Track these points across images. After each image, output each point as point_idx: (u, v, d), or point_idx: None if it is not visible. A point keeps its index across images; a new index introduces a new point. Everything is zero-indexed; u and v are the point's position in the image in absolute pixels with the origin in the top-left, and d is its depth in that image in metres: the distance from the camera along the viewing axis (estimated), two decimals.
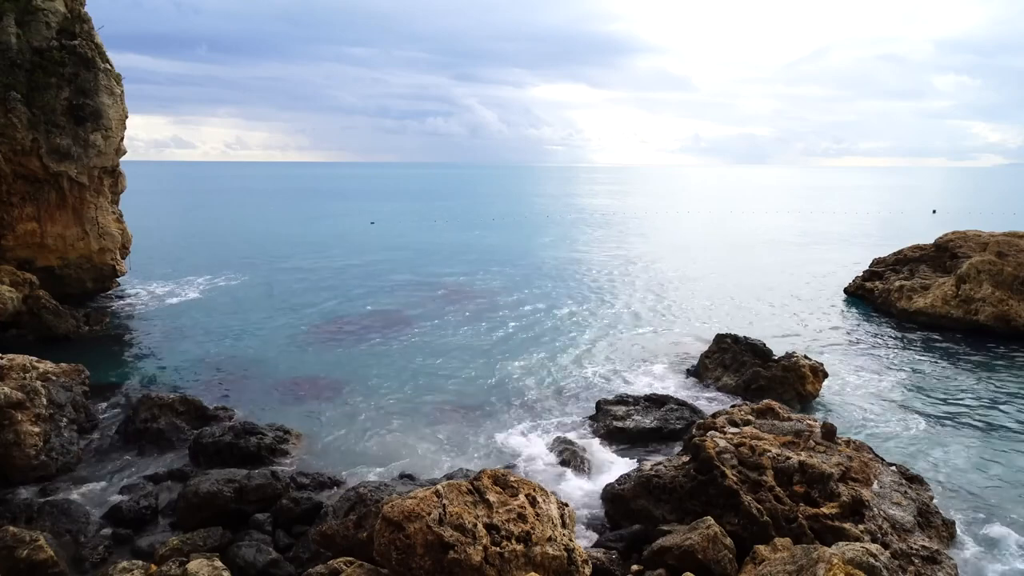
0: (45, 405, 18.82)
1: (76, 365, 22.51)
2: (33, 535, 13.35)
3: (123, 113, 35.99)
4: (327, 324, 34.47)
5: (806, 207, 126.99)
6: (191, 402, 21.46)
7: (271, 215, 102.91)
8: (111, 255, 36.95)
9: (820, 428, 16.86)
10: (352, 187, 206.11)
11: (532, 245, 66.84)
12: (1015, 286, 32.43)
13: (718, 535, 13.12)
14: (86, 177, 34.45)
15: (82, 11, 35.00)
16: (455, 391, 24.77)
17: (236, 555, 13.69)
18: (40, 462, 17.46)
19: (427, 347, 30.22)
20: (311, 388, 25.00)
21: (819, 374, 24.25)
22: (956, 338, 31.69)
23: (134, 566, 12.83)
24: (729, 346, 25.78)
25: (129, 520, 15.52)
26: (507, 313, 36.98)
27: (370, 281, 46.01)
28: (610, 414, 21.13)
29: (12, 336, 29.18)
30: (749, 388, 23.70)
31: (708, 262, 55.89)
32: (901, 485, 15.45)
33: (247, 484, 15.90)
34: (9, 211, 33.29)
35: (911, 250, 40.93)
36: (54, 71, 32.74)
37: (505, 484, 12.42)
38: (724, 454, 15.03)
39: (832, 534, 13.21)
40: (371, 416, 22.35)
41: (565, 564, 11.52)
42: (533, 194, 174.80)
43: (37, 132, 32.31)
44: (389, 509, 11.42)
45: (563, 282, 46.37)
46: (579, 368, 27.61)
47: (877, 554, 11.09)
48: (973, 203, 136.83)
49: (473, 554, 10.84)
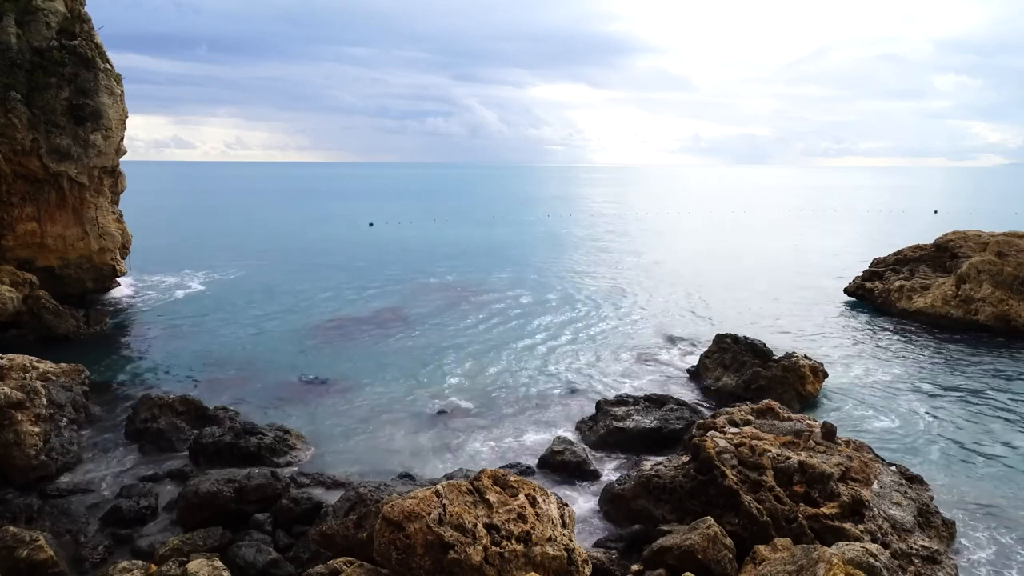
0: (45, 405, 18.83)
1: (76, 365, 22.53)
2: (33, 535, 13.35)
3: (123, 113, 35.99)
4: (327, 324, 34.47)
5: (806, 207, 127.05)
6: (191, 402, 21.46)
7: (271, 215, 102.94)
8: (111, 255, 36.95)
9: (820, 428, 16.86)
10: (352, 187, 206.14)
11: (531, 245, 66.86)
12: (1015, 286, 32.43)
13: (718, 535, 13.12)
14: (86, 177, 34.45)
15: (82, 11, 35.01)
16: (455, 391, 24.78)
17: (236, 555, 13.69)
18: (40, 462, 17.46)
19: (427, 347, 30.22)
20: (311, 388, 25.01)
21: (819, 374, 24.26)
22: (956, 338, 31.69)
23: (134, 566, 12.82)
24: (729, 346, 25.78)
25: (129, 520, 15.53)
26: (507, 313, 36.98)
27: (370, 281, 46.01)
28: (610, 414, 21.13)
29: (12, 336, 29.20)
30: (749, 388, 23.69)
31: (708, 262, 55.91)
32: (901, 485, 15.45)
33: (247, 484, 15.90)
34: (9, 211, 33.29)
35: (911, 250, 40.93)
36: (54, 71, 32.74)
37: (505, 484, 12.42)
38: (724, 454, 15.03)
39: (832, 534, 13.21)
40: (371, 416, 22.35)
41: (565, 564, 11.52)
42: (533, 194, 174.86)
43: (37, 132, 32.31)
44: (389, 509, 11.41)
45: (563, 282, 46.38)
46: (579, 368, 27.61)
47: (877, 554, 11.09)
48: (973, 203, 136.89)
49: (473, 554, 10.84)
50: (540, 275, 49.06)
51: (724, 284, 45.76)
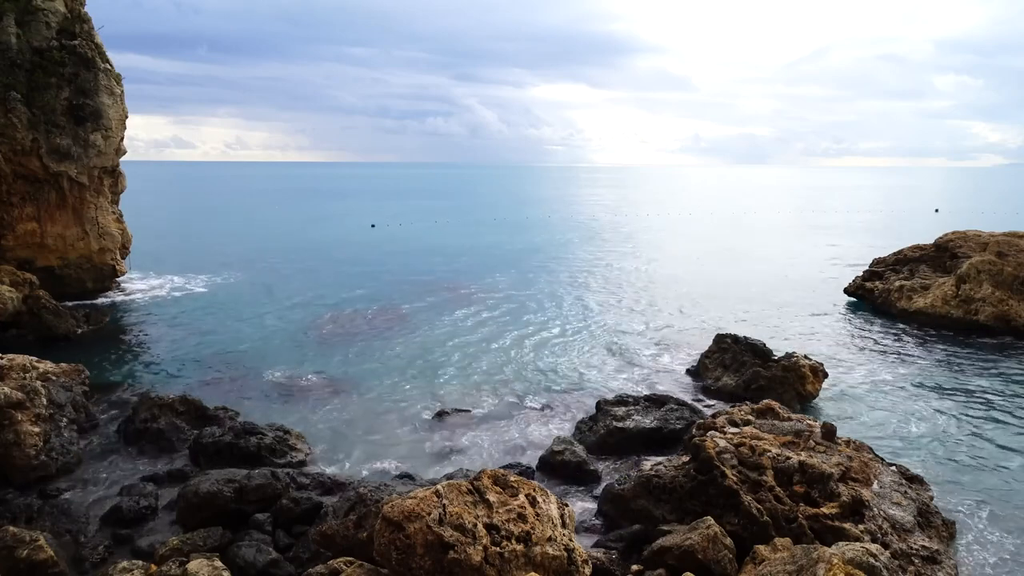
0: (45, 405, 18.83)
1: (76, 365, 22.52)
2: (33, 535, 13.34)
3: (123, 113, 36.01)
4: (327, 324, 34.48)
5: (806, 207, 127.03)
6: (191, 402, 21.45)
7: (271, 215, 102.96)
8: (111, 255, 36.96)
9: (820, 428, 16.86)
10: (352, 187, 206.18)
11: (532, 245, 66.84)
12: (1015, 286, 32.43)
13: (718, 535, 13.11)
14: (86, 177, 34.47)
15: (82, 11, 35.03)
16: (455, 391, 24.78)
17: (236, 555, 13.68)
18: (40, 462, 17.45)
19: (427, 347, 30.22)
20: (311, 388, 25.00)
21: (819, 374, 24.24)
22: (956, 338, 31.68)
23: (134, 566, 12.82)
24: (729, 346, 25.78)
25: (129, 520, 15.53)
26: (507, 313, 36.99)
27: (370, 281, 46.02)
28: (610, 414, 21.12)
29: (12, 336, 29.19)
30: (749, 388, 23.69)
31: (708, 262, 55.92)
32: (901, 485, 15.45)
33: (247, 484, 15.89)
34: (9, 211, 33.30)
35: (911, 250, 40.93)
36: (54, 71, 32.75)
37: (505, 484, 12.41)
38: (724, 454, 15.03)
39: (832, 534, 13.21)
40: (371, 416, 22.36)
41: (565, 564, 11.52)
42: (533, 194, 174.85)
43: (37, 132, 32.33)
44: (389, 509, 11.41)
45: (562, 282, 46.40)
46: (579, 368, 27.62)
47: (877, 554, 11.09)
48: (973, 203, 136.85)
49: (473, 554, 10.84)
50: (540, 275, 49.06)
51: (724, 284, 45.75)
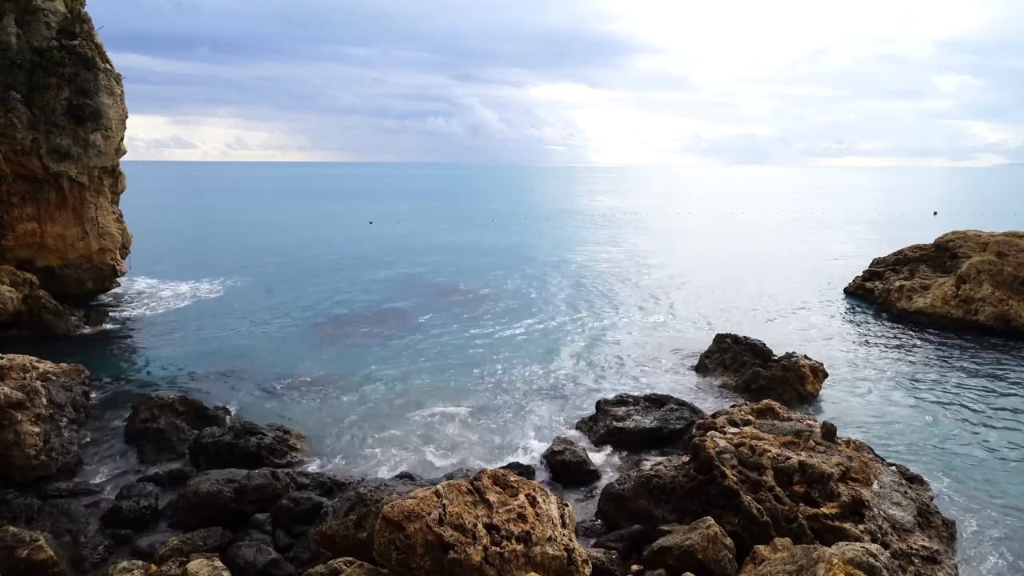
0: (45, 405, 18.83)
1: (76, 365, 22.53)
2: (33, 535, 13.35)
3: (123, 113, 35.98)
4: (327, 324, 34.48)
5: (806, 207, 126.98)
6: (191, 402, 21.46)
7: (271, 215, 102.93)
8: (111, 255, 36.94)
9: (820, 428, 16.86)
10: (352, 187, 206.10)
11: (532, 245, 66.82)
12: (1015, 286, 32.43)
13: (718, 535, 13.11)
14: (86, 177, 34.45)
15: (82, 11, 34.99)
16: (455, 391, 24.77)
17: (236, 555, 13.69)
18: (40, 462, 17.46)
19: (427, 347, 30.22)
20: (311, 388, 25.00)
21: (819, 374, 24.26)
22: (956, 338, 31.68)
23: (134, 566, 12.83)
24: (729, 346, 25.79)
25: (129, 520, 15.52)
26: (507, 313, 36.98)
27: (370, 281, 46.03)
28: (610, 414, 21.13)
29: (12, 336, 29.21)
30: (749, 388, 23.71)
31: (708, 262, 55.89)
32: (901, 485, 15.46)
33: (247, 484, 15.91)
34: (9, 211, 33.29)
35: (911, 250, 40.95)
36: (54, 71, 32.72)
37: (505, 484, 12.41)
38: (724, 454, 15.03)
39: (832, 534, 13.21)
40: (371, 416, 22.35)
41: (565, 564, 11.52)
42: (534, 194, 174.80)
43: (37, 132, 32.31)
44: (389, 509, 11.41)
45: (563, 282, 46.38)
46: (579, 368, 27.62)
47: (877, 554, 11.09)
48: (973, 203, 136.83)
49: (473, 554, 10.84)
50: (540, 275, 49.04)
51: (724, 283, 45.73)
